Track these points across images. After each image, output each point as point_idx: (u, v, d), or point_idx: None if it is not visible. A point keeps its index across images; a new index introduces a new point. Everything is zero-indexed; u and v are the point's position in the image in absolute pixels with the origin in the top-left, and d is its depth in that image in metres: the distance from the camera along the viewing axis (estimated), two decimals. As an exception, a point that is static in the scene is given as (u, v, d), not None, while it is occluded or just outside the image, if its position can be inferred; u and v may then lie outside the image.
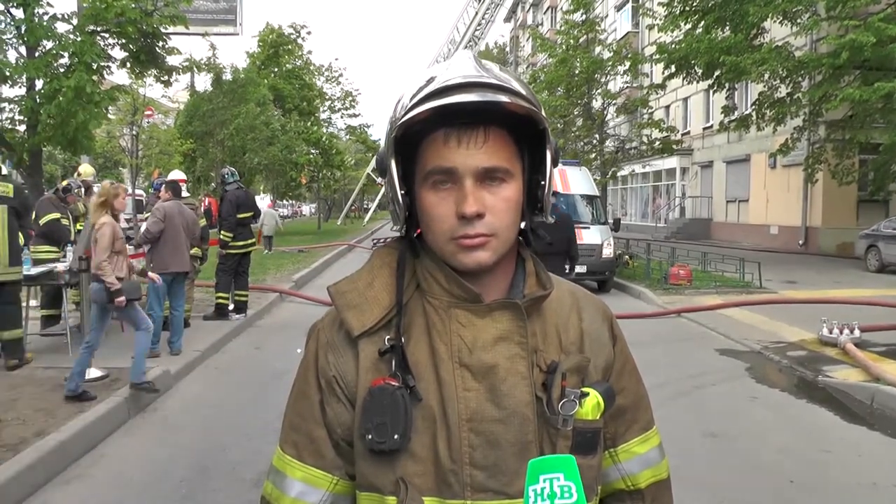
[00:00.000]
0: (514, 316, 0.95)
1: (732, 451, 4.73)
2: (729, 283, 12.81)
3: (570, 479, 0.89)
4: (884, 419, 5.48)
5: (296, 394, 1.02)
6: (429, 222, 0.93)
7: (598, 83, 20.06)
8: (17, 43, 11.69)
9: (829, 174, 17.61)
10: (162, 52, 14.05)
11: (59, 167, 36.83)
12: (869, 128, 15.62)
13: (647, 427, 1.09)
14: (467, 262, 0.92)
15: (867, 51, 13.06)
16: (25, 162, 11.89)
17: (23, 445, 4.22)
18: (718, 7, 15.97)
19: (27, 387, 5.61)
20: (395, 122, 0.92)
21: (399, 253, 1.00)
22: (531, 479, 0.89)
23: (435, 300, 0.96)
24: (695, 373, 6.84)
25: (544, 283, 1.00)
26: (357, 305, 0.96)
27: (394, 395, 0.90)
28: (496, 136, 0.91)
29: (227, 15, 24.68)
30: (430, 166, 0.92)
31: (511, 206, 0.93)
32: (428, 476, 0.91)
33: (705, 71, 17.28)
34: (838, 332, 7.50)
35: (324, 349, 0.99)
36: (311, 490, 0.97)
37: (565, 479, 0.89)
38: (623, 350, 1.07)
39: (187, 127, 24.96)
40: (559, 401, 0.93)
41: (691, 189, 30.00)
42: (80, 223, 8.02)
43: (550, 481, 0.89)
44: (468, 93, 0.87)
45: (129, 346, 7.19)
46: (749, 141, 23.95)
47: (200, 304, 9.33)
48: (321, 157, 34.02)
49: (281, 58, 32.02)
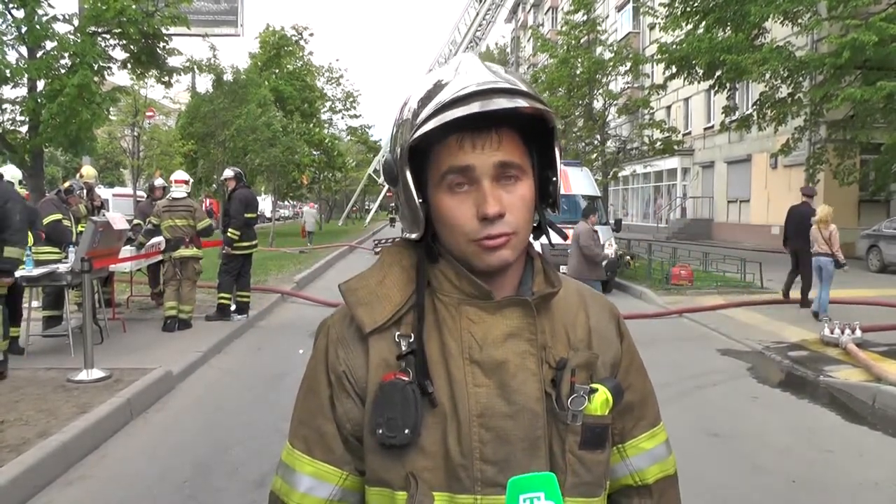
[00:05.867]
0: (524, 313, 0.95)
1: (734, 451, 4.73)
2: (730, 283, 12.81)
3: (551, 498, 0.87)
4: (885, 419, 5.47)
5: (305, 389, 1.03)
6: (448, 226, 0.94)
7: (599, 84, 20.05)
8: (17, 44, 11.71)
9: (830, 174, 17.60)
10: (163, 53, 14.09)
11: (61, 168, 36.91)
12: (870, 128, 15.60)
13: (655, 423, 1.10)
14: (492, 261, 0.93)
15: (869, 50, 13.07)
16: (27, 163, 11.92)
17: (25, 446, 4.22)
18: (719, 7, 15.98)
19: (29, 388, 5.62)
20: (408, 124, 0.91)
21: (414, 253, 1.00)
22: (511, 498, 0.87)
23: (445, 297, 0.97)
24: (696, 373, 6.84)
25: (553, 280, 1.01)
26: (368, 302, 0.97)
27: (404, 391, 0.91)
28: (508, 136, 0.92)
29: (229, 16, 24.72)
30: (445, 167, 0.92)
31: (527, 204, 0.94)
32: (438, 471, 0.91)
33: (706, 71, 17.29)
34: (840, 333, 7.49)
35: (334, 345, 0.99)
36: (320, 485, 0.98)
37: (546, 498, 0.86)
38: (630, 347, 1.08)
39: (188, 128, 24.98)
40: (568, 397, 0.94)
41: (692, 189, 29.99)
42: (81, 224, 8.04)
43: (531, 500, 0.87)
44: (488, 98, 0.87)
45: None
46: (750, 141, 23.94)
47: (202, 305, 9.34)
48: (323, 158, 34.07)
49: (282, 59, 32.04)
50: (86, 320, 5.89)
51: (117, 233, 7.47)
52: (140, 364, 6.28)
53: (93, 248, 6.49)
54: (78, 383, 5.68)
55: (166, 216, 8.42)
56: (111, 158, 37.93)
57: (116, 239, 7.50)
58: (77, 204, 8.41)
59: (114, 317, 8.58)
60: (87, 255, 6.21)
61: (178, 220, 8.39)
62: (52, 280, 6.91)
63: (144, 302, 10.12)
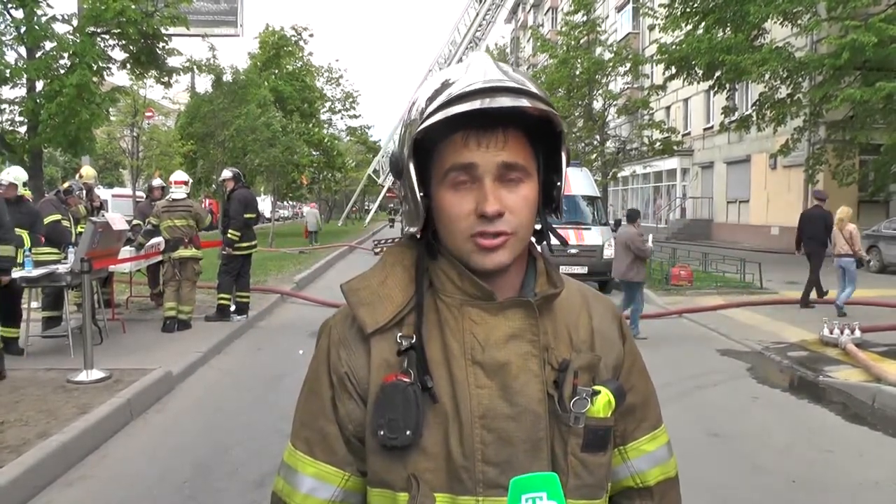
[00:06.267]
0: (527, 314, 0.95)
1: (734, 452, 4.73)
2: (730, 283, 12.82)
3: (554, 498, 0.86)
4: (885, 419, 5.48)
5: (307, 390, 1.02)
6: (447, 221, 0.94)
7: (598, 84, 20.07)
8: (16, 44, 11.71)
9: (829, 175, 17.61)
10: (162, 54, 14.09)
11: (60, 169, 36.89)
12: (869, 128, 15.63)
13: (656, 425, 1.10)
14: (487, 263, 0.93)
15: (868, 51, 13.08)
16: (26, 164, 11.92)
17: (25, 447, 4.22)
18: (719, 8, 15.99)
19: (29, 388, 5.61)
20: (416, 122, 0.91)
21: (416, 252, 1.00)
22: (513, 498, 0.86)
23: (448, 298, 0.97)
24: (696, 373, 6.85)
25: (555, 281, 1.01)
26: (370, 303, 0.97)
27: (405, 392, 0.90)
28: (514, 137, 0.92)
29: (228, 16, 24.70)
30: (448, 164, 0.92)
31: (529, 206, 0.94)
32: (440, 472, 0.91)
33: (706, 71, 17.31)
34: (839, 333, 7.49)
35: (336, 346, 0.99)
36: (322, 486, 0.98)
37: (548, 498, 0.86)
38: (632, 349, 1.08)
39: (188, 128, 24.96)
40: (571, 398, 0.94)
41: (692, 190, 30.01)
42: (81, 225, 8.03)
43: (533, 500, 0.87)
44: (493, 96, 0.87)
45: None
46: (749, 141, 23.96)
47: (202, 306, 9.34)
48: (323, 158, 34.06)
49: (282, 59, 32.03)
50: (85, 321, 5.89)
51: (117, 233, 7.47)
52: (140, 365, 6.27)
53: (92, 249, 6.49)
54: (78, 384, 5.68)
55: (165, 217, 8.41)
56: (110, 159, 37.91)
57: (116, 239, 7.49)
58: (76, 204, 8.40)
59: (113, 317, 8.58)
60: (86, 256, 6.20)
61: (178, 220, 8.39)
62: (51, 281, 6.89)
63: (144, 302, 10.12)
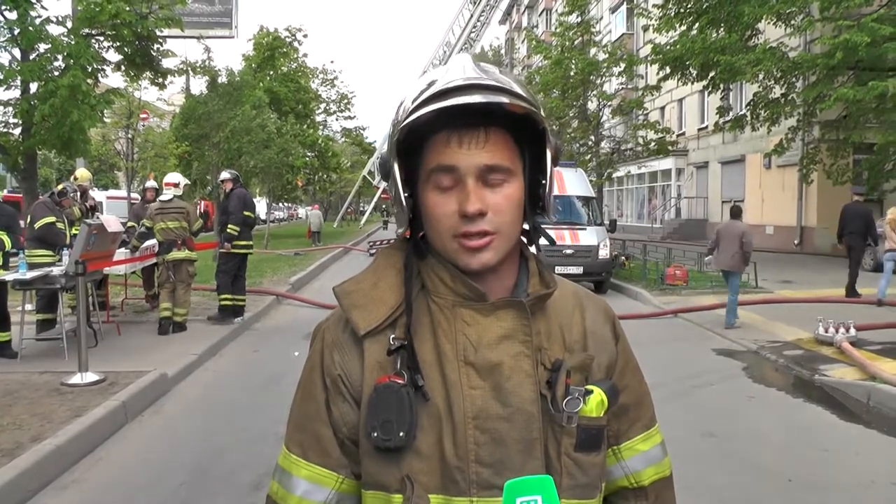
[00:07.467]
0: (519, 314, 0.95)
1: (730, 451, 4.74)
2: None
3: (548, 501, 0.86)
4: (880, 417, 5.50)
5: (301, 393, 1.02)
6: (432, 221, 0.95)
7: (593, 85, 20.08)
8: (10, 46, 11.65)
9: (823, 174, 17.68)
10: (157, 55, 14.04)
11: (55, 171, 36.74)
12: (863, 128, 15.69)
13: (650, 425, 1.10)
14: (472, 263, 0.93)
15: (861, 51, 13.12)
16: (20, 166, 11.86)
17: (19, 450, 4.20)
18: (713, 8, 16.04)
19: (23, 391, 5.59)
20: (398, 124, 0.93)
21: (405, 253, 1.01)
22: (507, 501, 0.86)
23: (440, 299, 0.97)
24: (692, 373, 6.86)
25: (548, 282, 1.01)
26: (363, 305, 0.97)
27: (399, 393, 0.90)
28: (497, 136, 0.93)
29: (223, 18, 24.69)
30: (431, 165, 0.93)
31: (513, 205, 0.94)
32: (434, 473, 0.91)
33: (700, 72, 17.35)
34: (834, 331, 7.52)
35: (329, 348, 0.99)
36: (316, 489, 0.98)
37: (543, 501, 0.86)
38: (625, 349, 1.08)
39: (183, 130, 24.88)
40: (563, 398, 0.94)
41: (687, 190, 30.07)
42: (75, 227, 8.00)
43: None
44: (469, 94, 0.88)
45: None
46: (744, 141, 24.03)
47: (197, 308, 9.31)
48: (317, 160, 34.00)
49: (276, 61, 31.98)
50: (80, 323, 5.87)
51: (111, 235, 7.44)
52: (135, 367, 6.25)
53: (87, 251, 6.46)
54: (72, 387, 5.65)
55: (158, 219, 8.39)
56: (105, 161, 37.78)
57: (111, 241, 7.46)
58: (71, 206, 8.37)
59: (108, 320, 8.55)
60: (81, 258, 6.18)
61: (170, 222, 8.36)
62: (45, 283, 6.87)
63: (139, 305, 10.08)
